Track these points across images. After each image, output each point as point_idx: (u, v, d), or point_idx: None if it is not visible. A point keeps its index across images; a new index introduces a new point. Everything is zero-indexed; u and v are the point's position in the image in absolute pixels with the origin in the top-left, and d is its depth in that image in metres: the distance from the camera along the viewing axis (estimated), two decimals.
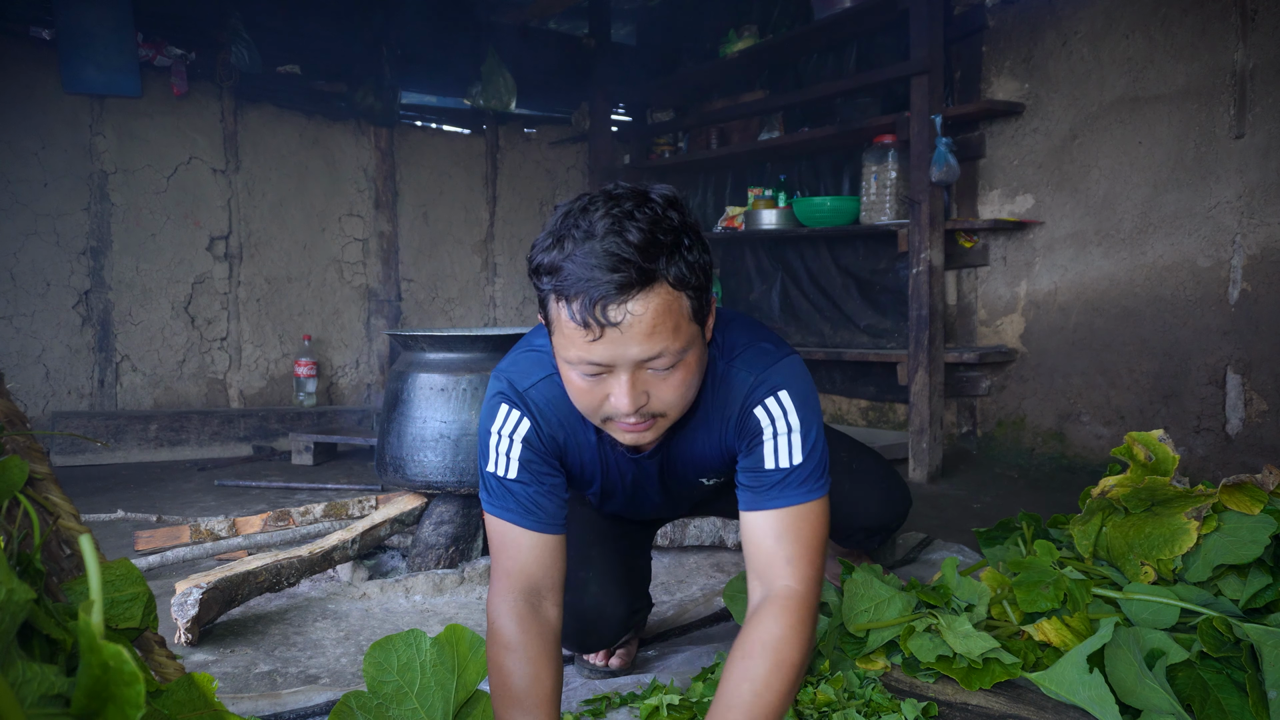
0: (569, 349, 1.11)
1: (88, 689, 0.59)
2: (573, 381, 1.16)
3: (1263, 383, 3.04)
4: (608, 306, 1.06)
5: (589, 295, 1.05)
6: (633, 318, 1.06)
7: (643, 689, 1.65)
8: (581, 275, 1.05)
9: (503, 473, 1.29)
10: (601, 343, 1.08)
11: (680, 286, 1.09)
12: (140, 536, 2.61)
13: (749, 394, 1.27)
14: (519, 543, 1.27)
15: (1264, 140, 3.00)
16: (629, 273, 1.05)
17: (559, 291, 1.08)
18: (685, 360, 1.14)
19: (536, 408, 1.30)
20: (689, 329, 1.12)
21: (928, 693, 1.56)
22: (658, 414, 1.17)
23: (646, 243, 1.06)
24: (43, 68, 4.12)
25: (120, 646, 0.57)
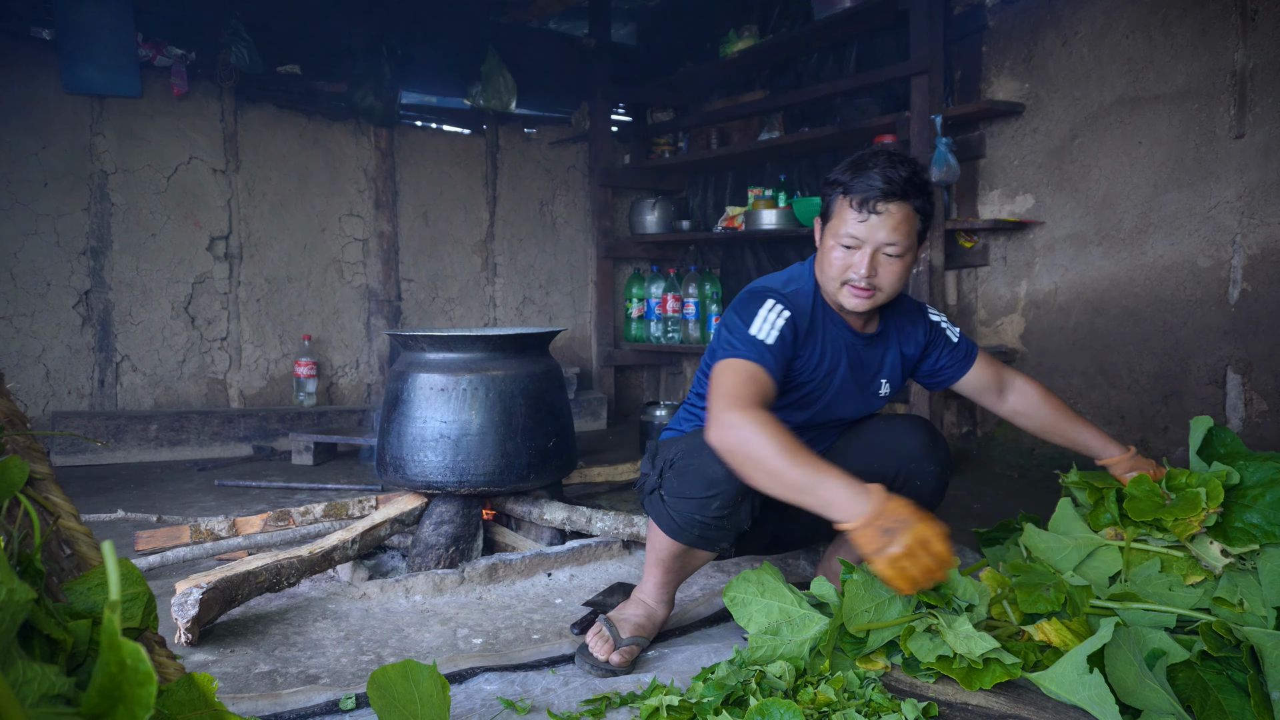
0: (841, 227, 1.74)
1: (101, 688, 0.59)
2: (833, 252, 1.77)
3: (1263, 383, 3.04)
4: (876, 202, 1.71)
5: (867, 193, 1.71)
6: (887, 214, 1.71)
7: (643, 689, 1.65)
8: (866, 183, 1.71)
9: (763, 336, 1.73)
10: (865, 225, 1.72)
11: (919, 211, 1.75)
12: (140, 536, 2.61)
13: (922, 310, 2.02)
14: (762, 380, 1.68)
15: (1264, 140, 3.00)
16: (895, 188, 1.71)
17: (847, 190, 1.74)
18: (904, 257, 1.76)
19: (793, 303, 1.81)
20: (913, 239, 1.76)
21: (928, 693, 1.56)
22: (877, 288, 1.77)
23: (909, 176, 1.72)
24: (43, 68, 4.12)
25: (139, 646, 0.57)
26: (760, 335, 1.72)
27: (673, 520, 1.77)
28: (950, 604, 1.64)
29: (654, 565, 1.89)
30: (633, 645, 1.82)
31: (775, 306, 1.78)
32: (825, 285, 1.82)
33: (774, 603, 1.69)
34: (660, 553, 1.86)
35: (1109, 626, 1.40)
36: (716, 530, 1.76)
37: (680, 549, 1.83)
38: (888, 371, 1.96)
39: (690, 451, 1.76)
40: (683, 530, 1.77)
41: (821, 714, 1.47)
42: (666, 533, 1.80)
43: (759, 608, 1.69)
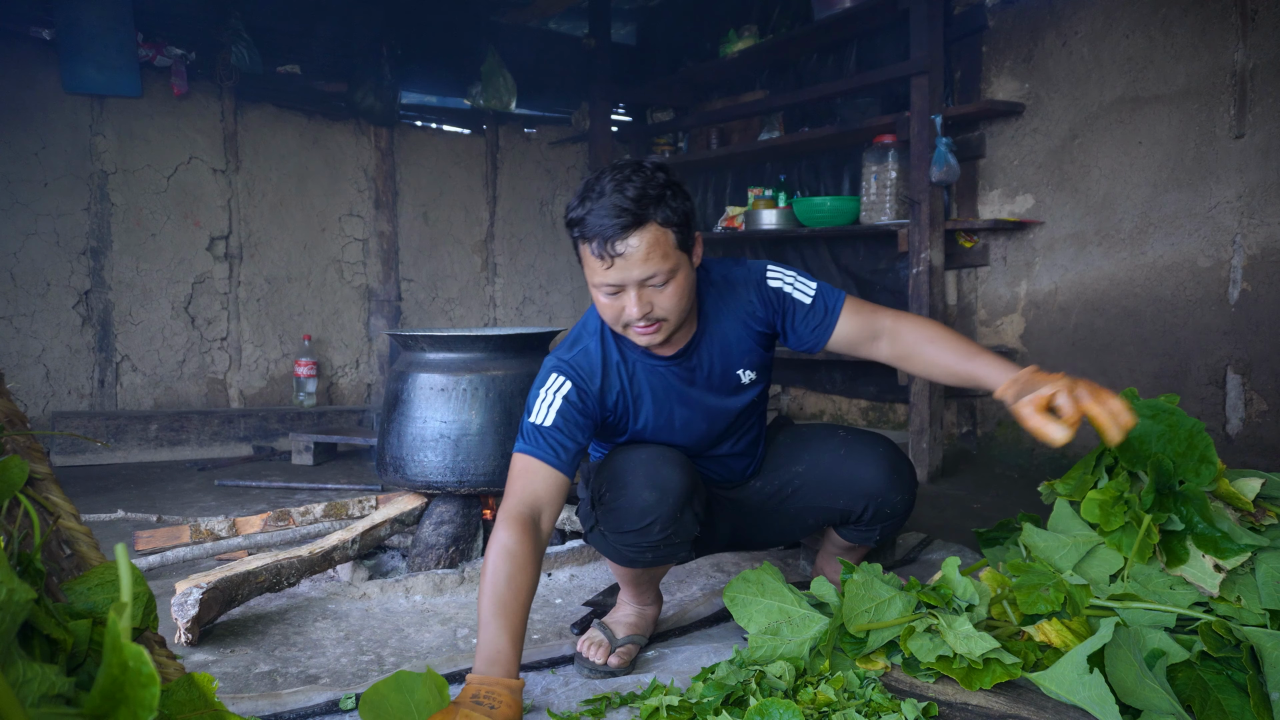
0: (594, 276, 1.58)
1: (104, 689, 0.59)
2: (600, 301, 1.61)
3: (1263, 383, 3.05)
4: (614, 243, 1.52)
5: (601, 235, 1.52)
6: (631, 249, 1.53)
7: (643, 689, 1.65)
8: (596, 223, 1.53)
9: (540, 421, 1.65)
10: (613, 269, 1.54)
11: (666, 224, 1.55)
12: (140, 536, 2.61)
13: (756, 279, 1.77)
14: (536, 473, 1.62)
15: (1264, 140, 3.00)
16: (626, 218, 1.51)
17: (583, 236, 1.55)
18: (676, 278, 1.58)
19: (575, 368, 1.70)
20: (676, 255, 1.58)
21: (928, 693, 1.56)
22: (660, 319, 1.60)
23: (639, 195, 1.52)
24: (43, 68, 4.12)
25: (142, 648, 0.57)
26: (539, 420, 1.65)
27: (621, 554, 1.75)
28: (950, 604, 1.64)
29: (623, 581, 1.89)
30: (629, 645, 1.82)
31: (554, 382, 1.69)
32: (613, 329, 1.68)
33: (774, 603, 1.69)
34: (623, 575, 1.85)
35: (1109, 626, 1.40)
36: (667, 548, 1.73)
37: (640, 570, 1.81)
38: (740, 359, 1.79)
39: (614, 483, 1.72)
40: (634, 560, 1.75)
41: (821, 714, 1.47)
42: (620, 564, 1.79)
43: (759, 608, 1.69)
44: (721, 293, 1.77)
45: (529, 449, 1.64)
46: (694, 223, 1.62)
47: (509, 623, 1.48)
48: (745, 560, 2.53)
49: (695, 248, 1.64)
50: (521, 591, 1.52)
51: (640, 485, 1.67)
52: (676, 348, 1.73)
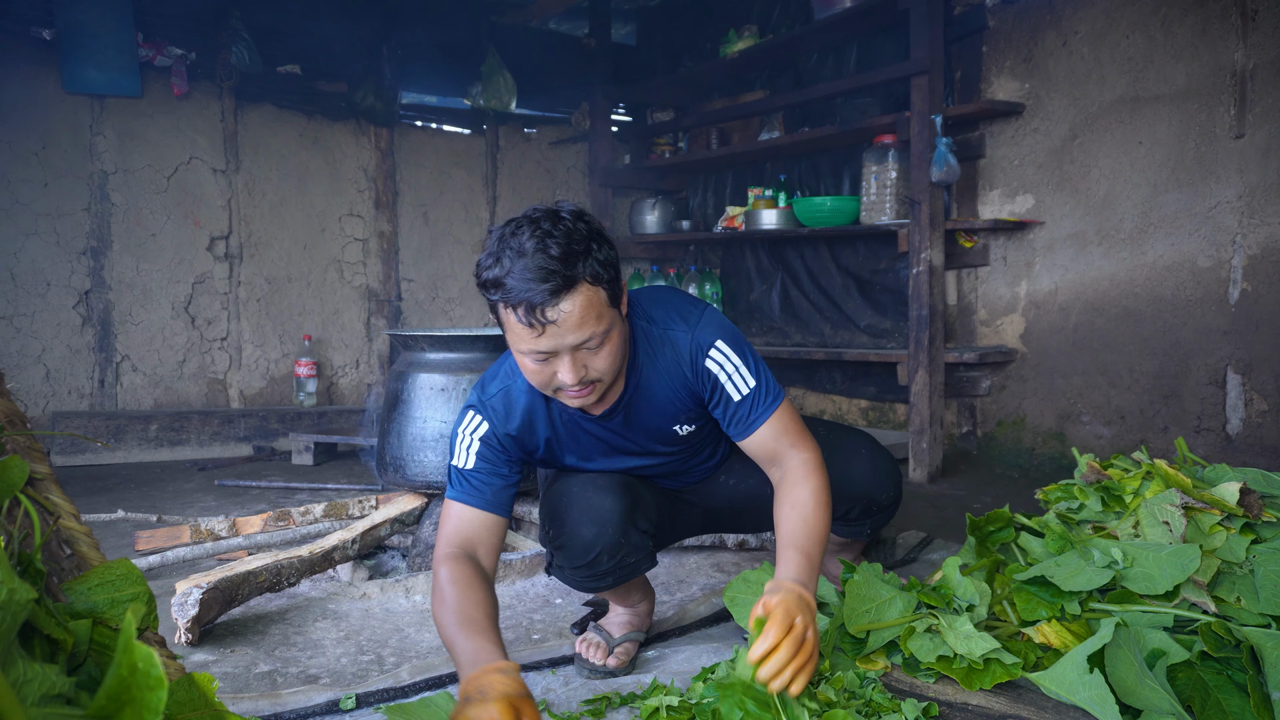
0: (520, 343, 1.41)
1: (110, 690, 0.59)
2: (527, 366, 1.45)
3: (1263, 383, 3.05)
4: (545, 309, 1.34)
5: (529, 302, 1.34)
6: (564, 314, 1.36)
7: (643, 689, 1.65)
8: (521, 287, 1.34)
9: (462, 464, 1.59)
10: (544, 337, 1.37)
11: (596, 282, 1.39)
12: (140, 536, 2.61)
13: (693, 351, 1.59)
14: (464, 516, 1.55)
15: (1264, 140, 3.00)
16: (556, 281, 1.34)
17: (506, 301, 1.36)
18: (610, 337, 1.44)
19: (493, 409, 1.60)
20: (609, 313, 1.42)
21: (928, 693, 1.56)
22: (595, 380, 1.46)
23: (565, 253, 1.35)
24: (43, 68, 4.12)
25: (152, 650, 0.57)
26: (461, 464, 1.59)
27: (583, 585, 1.72)
28: (950, 604, 1.63)
29: (608, 595, 1.86)
30: (627, 643, 1.81)
31: (471, 422, 1.60)
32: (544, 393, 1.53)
33: None
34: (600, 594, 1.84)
35: (1109, 627, 1.40)
36: (623, 570, 1.69)
37: (609, 590, 1.78)
38: (674, 415, 1.66)
39: (553, 520, 1.69)
40: (597, 587, 1.73)
41: (821, 714, 1.47)
42: (586, 593, 1.78)
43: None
44: (657, 349, 1.60)
45: (454, 494, 1.57)
46: (619, 271, 1.46)
47: (478, 629, 1.37)
48: (746, 560, 2.53)
49: (623, 298, 1.49)
50: (481, 605, 1.41)
51: (576, 522, 1.64)
52: (605, 406, 1.58)
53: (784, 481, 1.57)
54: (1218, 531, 1.61)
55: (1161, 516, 1.64)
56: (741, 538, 2.59)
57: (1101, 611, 1.63)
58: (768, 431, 1.59)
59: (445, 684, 1.71)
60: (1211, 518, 1.63)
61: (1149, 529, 1.65)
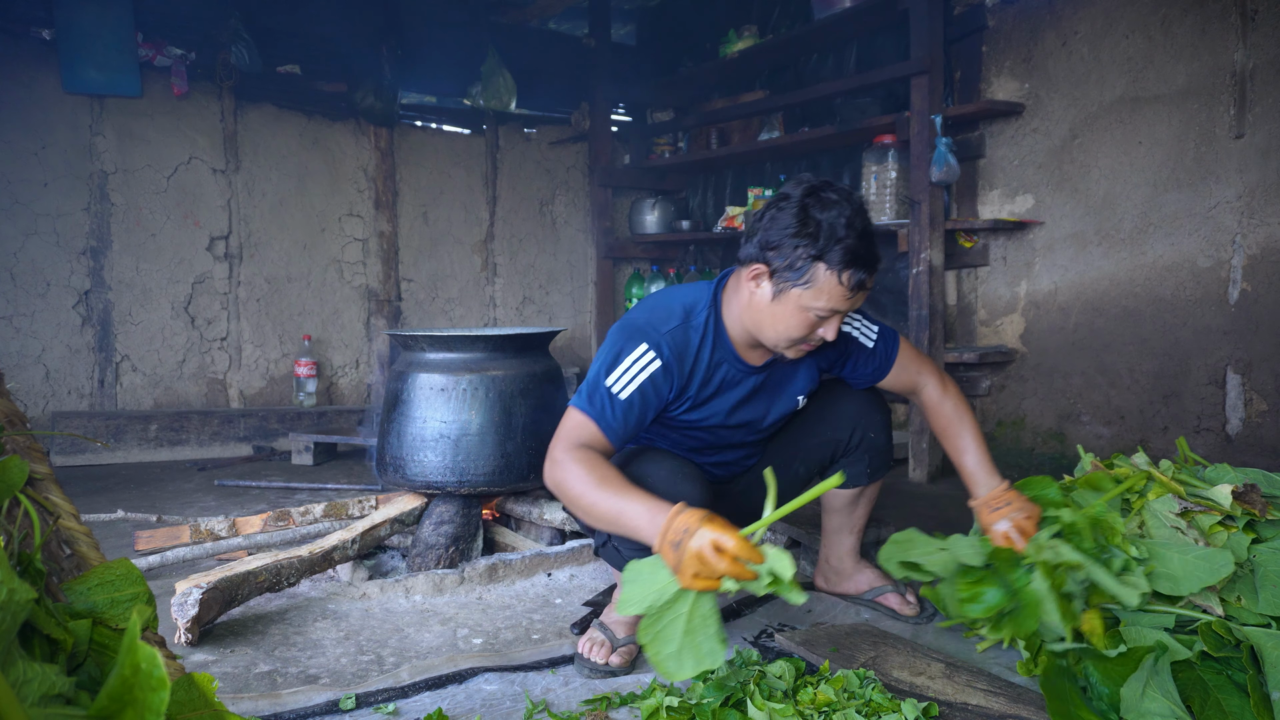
0: (821, 300, 1.63)
1: (113, 690, 0.59)
2: (793, 320, 1.66)
3: (1263, 383, 3.05)
4: (867, 280, 1.63)
5: (859, 270, 1.61)
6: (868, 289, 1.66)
7: (643, 689, 1.65)
8: (863, 255, 1.61)
9: (616, 389, 1.67)
10: (851, 301, 1.64)
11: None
12: (140, 536, 2.61)
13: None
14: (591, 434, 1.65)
15: (1264, 140, 3.00)
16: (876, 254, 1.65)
17: (839, 262, 1.60)
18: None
19: (669, 345, 1.71)
20: None
21: (928, 693, 1.56)
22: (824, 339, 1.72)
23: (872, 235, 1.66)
24: (43, 68, 4.12)
25: (155, 651, 0.57)
26: (615, 389, 1.66)
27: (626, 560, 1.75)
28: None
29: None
30: (630, 644, 1.82)
31: (643, 355, 1.69)
32: (764, 337, 1.73)
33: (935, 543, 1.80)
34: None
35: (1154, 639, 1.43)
36: None
37: None
38: (802, 386, 1.93)
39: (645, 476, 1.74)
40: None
41: (821, 714, 1.47)
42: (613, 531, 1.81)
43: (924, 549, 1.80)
44: None
45: (592, 412, 1.65)
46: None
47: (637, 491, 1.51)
48: None
49: None
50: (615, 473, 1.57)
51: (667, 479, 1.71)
52: (764, 358, 1.83)
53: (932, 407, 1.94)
54: (1218, 532, 1.61)
55: (1169, 522, 1.64)
56: None
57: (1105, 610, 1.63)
58: (902, 363, 1.95)
59: (445, 684, 1.71)
60: (1211, 518, 1.63)
61: (1155, 530, 1.66)
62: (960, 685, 1.59)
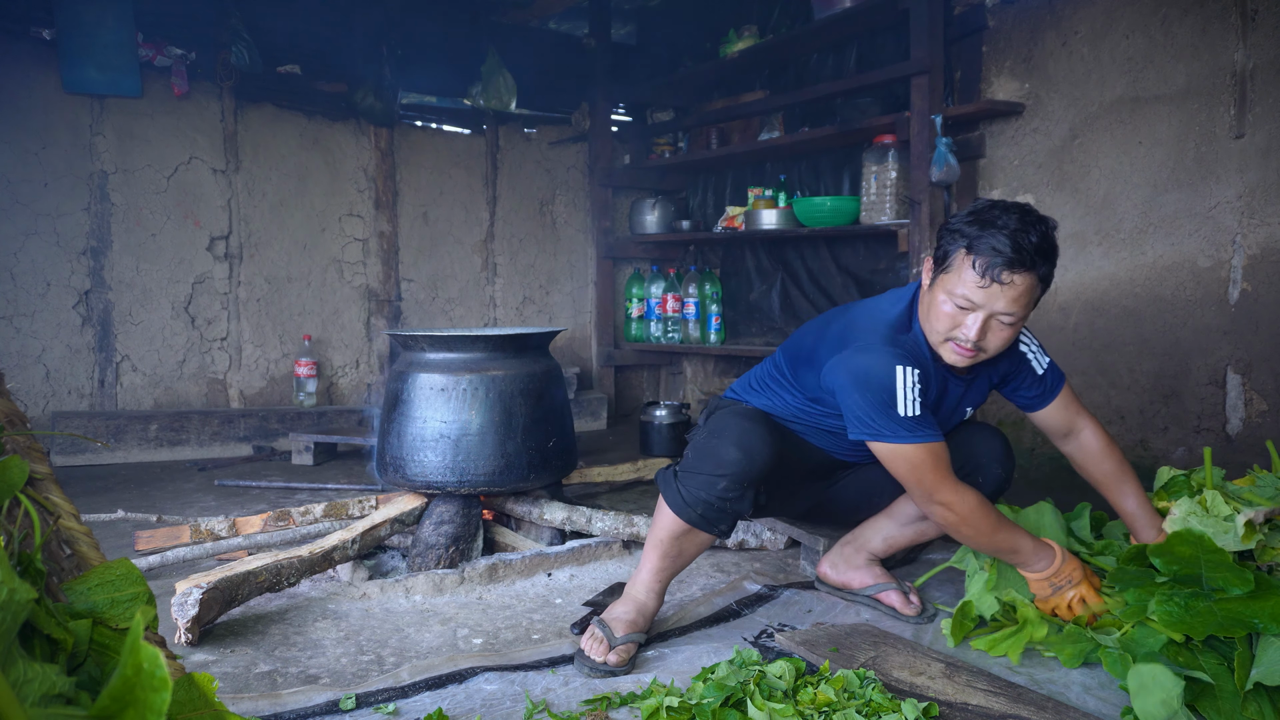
0: (958, 287, 1.70)
1: (115, 690, 0.59)
2: (943, 306, 1.73)
3: (1263, 383, 3.05)
4: (1002, 271, 1.66)
5: (993, 259, 1.65)
6: (1010, 285, 1.67)
7: (643, 689, 1.65)
8: (996, 246, 1.65)
9: (912, 413, 1.74)
10: (985, 291, 1.68)
11: (1041, 281, 1.71)
12: (140, 536, 2.61)
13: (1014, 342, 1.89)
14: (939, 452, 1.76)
15: (1264, 140, 3.00)
16: (1023, 257, 1.65)
17: (972, 248, 1.68)
18: (1016, 325, 1.74)
19: (914, 359, 1.78)
20: (1029, 308, 1.73)
21: (928, 693, 1.56)
22: (981, 349, 1.75)
23: (1037, 246, 1.67)
24: (43, 68, 4.12)
25: (158, 651, 0.57)
26: (910, 412, 1.75)
27: (679, 496, 1.83)
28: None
29: (652, 550, 1.91)
30: (629, 643, 1.82)
31: (906, 373, 1.76)
32: (928, 332, 1.81)
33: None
34: (660, 533, 1.89)
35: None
36: (718, 511, 1.82)
37: (681, 529, 1.86)
38: (973, 399, 1.99)
39: (713, 432, 1.86)
40: (687, 506, 1.82)
41: (822, 714, 1.47)
42: (671, 508, 1.85)
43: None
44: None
45: (926, 436, 1.74)
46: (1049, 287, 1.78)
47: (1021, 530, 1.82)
48: (745, 560, 2.53)
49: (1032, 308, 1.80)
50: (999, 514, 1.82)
51: (732, 444, 1.81)
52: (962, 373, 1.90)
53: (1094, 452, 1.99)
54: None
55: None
56: (740, 539, 2.60)
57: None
58: (1063, 401, 1.98)
59: (445, 684, 1.71)
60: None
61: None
62: (960, 685, 1.59)
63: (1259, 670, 1.41)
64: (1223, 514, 1.76)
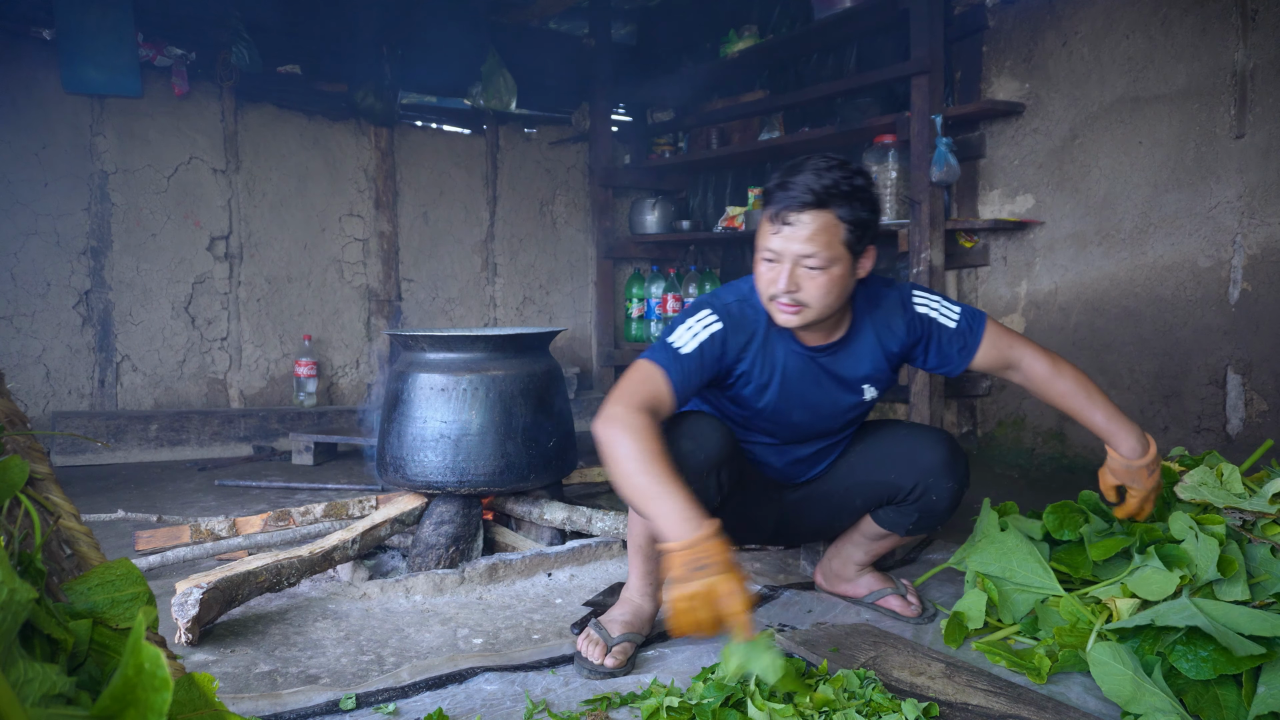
0: (760, 239, 1.69)
1: (116, 691, 0.59)
2: (759, 268, 1.71)
3: (1263, 383, 3.05)
4: (788, 212, 1.64)
5: (780, 204, 1.65)
6: (799, 224, 1.64)
7: (643, 689, 1.65)
8: (781, 193, 1.66)
9: (679, 345, 1.71)
10: (780, 237, 1.66)
11: (842, 220, 1.65)
12: (140, 536, 2.61)
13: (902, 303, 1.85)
14: (657, 383, 1.66)
15: (1264, 140, 3.00)
16: (810, 197, 1.63)
17: (766, 198, 1.68)
18: (830, 270, 1.66)
19: (729, 314, 1.76)
20: (839, 250, 1.66)
21: (928, 693, 1.56)
22: (803, 303, 1.68)
23: (831, 184, 1.64)
24: (43, 68, 4.12)
25: (159, 652, 0.57)
26: (677, 344, 1.71)
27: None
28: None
29: (635, 555, 1.90)
30: (625, 644, 1.81)
31: (707, 318, 1.75)
32: (761, 300, 1.76)
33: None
34: (637, 538, 1.88)
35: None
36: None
37: (652, 530, 1.80)
38: (869, 375, 1.87)
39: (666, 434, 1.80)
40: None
41: (822, 714, 1.47)
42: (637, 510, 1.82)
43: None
44: (870, 309, 1.85)
45: (659, 361, 1.68)
46: (870, 235, 1.70)
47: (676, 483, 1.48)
48: (744, 560, 2.53)
49: (864, 259, 1.72)
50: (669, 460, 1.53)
51: (681, 436, 1.75)
52: (821, 340, 1.81)
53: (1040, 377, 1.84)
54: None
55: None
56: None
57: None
58: (991, 338, 1.84)
59: (445, 684, 1.71)
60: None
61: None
62: (960, 685, 1.59)
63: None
64: (1236, 489, 1.76)
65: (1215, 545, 1.64)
